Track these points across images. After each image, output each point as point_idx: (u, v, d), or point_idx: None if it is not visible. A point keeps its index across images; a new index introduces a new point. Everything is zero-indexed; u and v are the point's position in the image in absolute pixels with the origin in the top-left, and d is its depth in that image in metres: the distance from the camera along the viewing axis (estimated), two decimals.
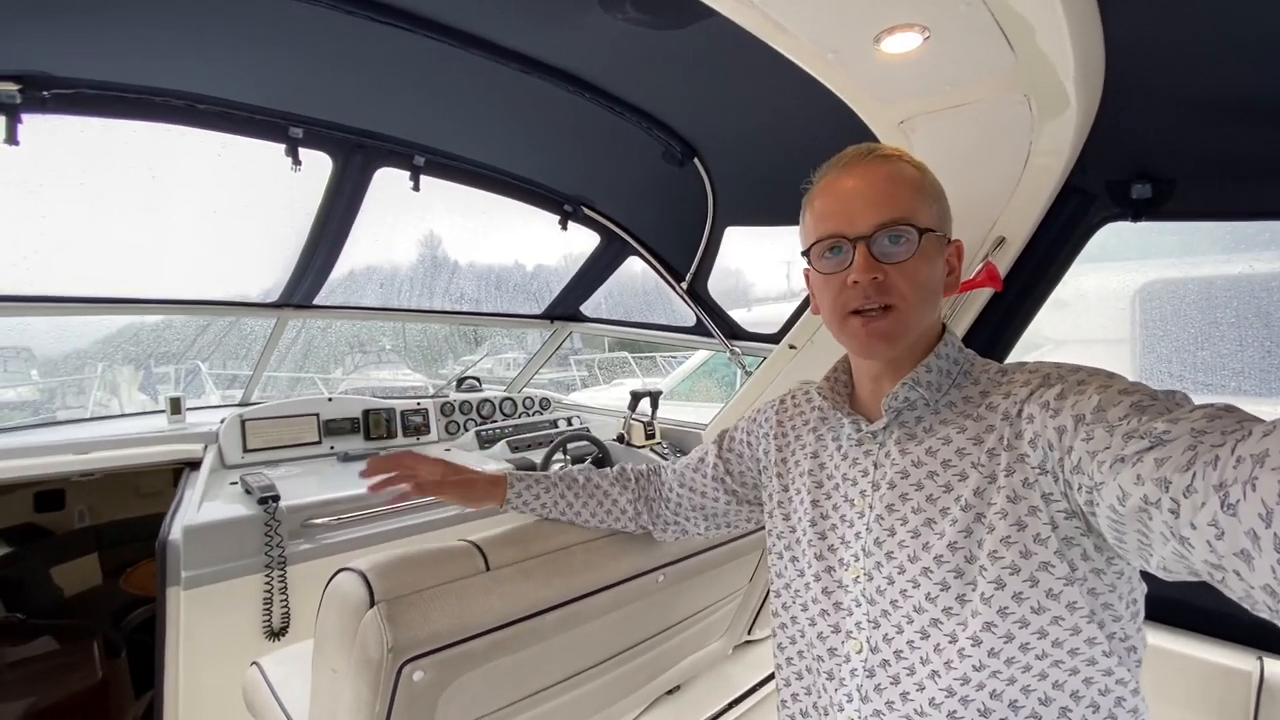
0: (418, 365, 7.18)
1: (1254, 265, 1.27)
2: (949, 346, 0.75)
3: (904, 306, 0.70)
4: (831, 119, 1.19)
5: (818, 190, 0.77)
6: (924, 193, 0.72)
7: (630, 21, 1.11)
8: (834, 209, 0.73)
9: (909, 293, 0.70)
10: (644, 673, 1.21)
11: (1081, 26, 0.88)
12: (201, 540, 1.54)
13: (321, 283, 2.19)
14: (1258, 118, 1.03)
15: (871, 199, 0.70)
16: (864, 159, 0.73)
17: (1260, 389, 1.29)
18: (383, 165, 1.82)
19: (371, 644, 0.73)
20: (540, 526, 0.99)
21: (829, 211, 0.73)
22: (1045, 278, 1.41)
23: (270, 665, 1.22)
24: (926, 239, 0.70)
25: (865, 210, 0.70)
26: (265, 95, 1.50)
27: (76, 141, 1.46)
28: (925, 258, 0.70)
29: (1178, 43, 0.95)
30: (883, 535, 0.72)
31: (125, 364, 5.20)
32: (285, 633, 1.65)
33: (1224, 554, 0.42)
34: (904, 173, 0.72)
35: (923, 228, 0.69)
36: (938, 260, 0.73)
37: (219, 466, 2.08)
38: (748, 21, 0.88)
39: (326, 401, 2.41)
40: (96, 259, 1.86)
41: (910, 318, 0.71)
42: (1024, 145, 1.15)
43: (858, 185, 0.72)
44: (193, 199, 1.81)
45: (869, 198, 0.71)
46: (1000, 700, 0.64)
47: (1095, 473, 0.54)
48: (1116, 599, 0.63)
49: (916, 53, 0.92)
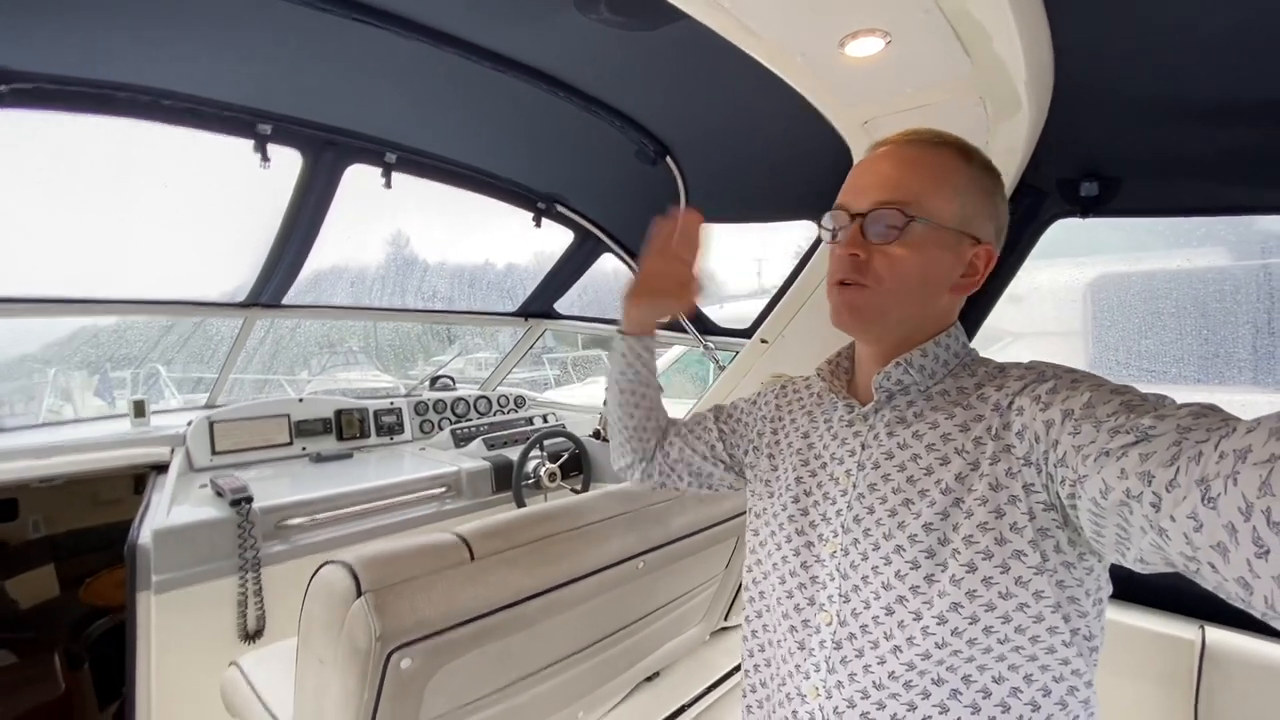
0: (388, 366, 7.06)
1: (1191, 259, 1.35)
2: (952, 339, 0.76)
3: (876, 288, 0.71)
4: (801, 118, 1.23)
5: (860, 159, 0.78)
6: (946, 183, 0.70)
7: (603, 22, 1.13)
8: (851, 183, 0.75)
9: (884, 276, 0.70)
10: (625, 659, 1.24)
11: (1032, 33, 0.93)
12: (173, 543, 1.52)
13: (290, 282, 2.15)
14: (1195, 119, 1.10)
15: (880, 179, 0.71)
16: (901, 140, 0.74)
17: (1199, 375, 1.37)
18: (354, 162, 1.80)
19: (359, 633, 0.74)
20: (523, 517, 1.00)
21: (849, 183, 0.76)
22: (1001, 272, 1.48)
23: (250, 664, 1.21)
24: (918, 227, 0.68)
25: (870, 189, 0.71)
26: (234, 91, 1.48)
27: (36, 137, 1.42)
28: (914, 246, 0.69)
29: (1122, 48, 1.01)
30: (861, 513, 0.74)
31: (79, 368, 5.01)
32: (261, 634, 1.63)
33: (1200, 546, 0.43)
34: (929, 159, 0.71)
35: (915, 215, 0.68)
36: (937, 253, 0.70)
37: (187, 470, 2.04)
38: (717, 24, 0.91)
39: (298, 402, 2.38)
40: (56, 258, 1.80)
41: (880, 301, 0.71)
42: (980, 145, 1.20)
43: (878, 164, 0.73)
44: (157, 197, 1.77)
45: (879, 177, 0.71)
46: (954, 673, 0.66)
47: (1080, 466, 0.56)
48: (1083, 594, 0.64)
49: (879, 57, 0.97)
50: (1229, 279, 1.30)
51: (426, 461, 2.31)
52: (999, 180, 0.75)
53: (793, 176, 1.74)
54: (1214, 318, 1.34)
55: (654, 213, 2.07)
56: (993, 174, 0.75)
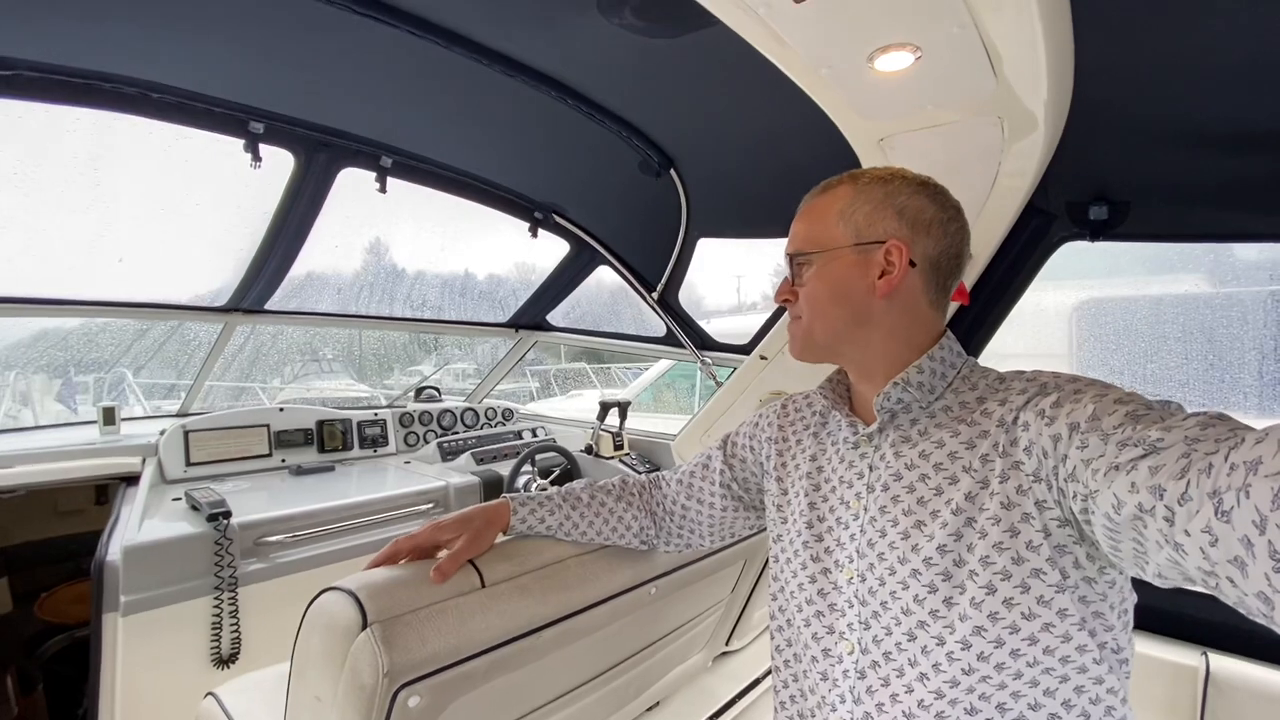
0: (363, 375, 6.91)
1: (1199, 285, 1.37)
2: (945, 350, 0.76)
3: (805, 317, 0.80)
4: (811, 134, 1.21)
5: None
6: (831, 216, 0.78)
7: (626, 27, 1.11)
8: None
9: (804, 307, 0.80)
10: (630, 689, 1.18)
11: (1057, 53, 0.92)
12: (144, 561, 1.42)
13: (275, 287, 2.08)
14: (1206, 147, 1.11)
15: (792, 235, 0.83)
16: (810, 195, 0.83)
17: (1204, 400, 1.38)
18: (347, 165, 1.74)
19: (365, 669, 0.68)
20: (534, 540, 0.95)
21: None
22: (1008, 293, 1.48)
23: (228, 695, 1.13)
24: (817, 258, 0.78)
25: (789, 244, 0.83)
26: (226, 86, 1.42)
27: (13, 128, 1.34)
28: (817, 276, 0.78)
29: (1142, 73, 1.01)
30: (875, 537, 0.73)
31: (40, 371, 4.79)
32: (235, 660, 1.54)
33: (1218, 561, 0.43)
34: (824, 203, 0.80)
35: (812, 252, 0.78)
36: (840, 270, 0.77)
37: (159, 481, 1.94)
38: (749, 33, 0.89)
39: (278, 412, 2.29)
40: (28, 256, 1.71)
41: (808, 325, 0.80)
42: (993, 165, 1.20)
43: (793, 225, 0.83)
44: (138, 194, 1.68)
45: (791, 235, 0.83)
46: (988, 702, 0.64)
47: (1090, 481, 0.55)
48: (1108, 608, 0.63)
49: (906, 72, 0.95)
50: (1236, 305, 1.32)
51: (412, 476, 2.23)
52: (897, 176, 0.79)
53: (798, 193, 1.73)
54: (1221, 343, 1.35)
55: (653, 225, 2.06)
56: (885, 179, 0.79)
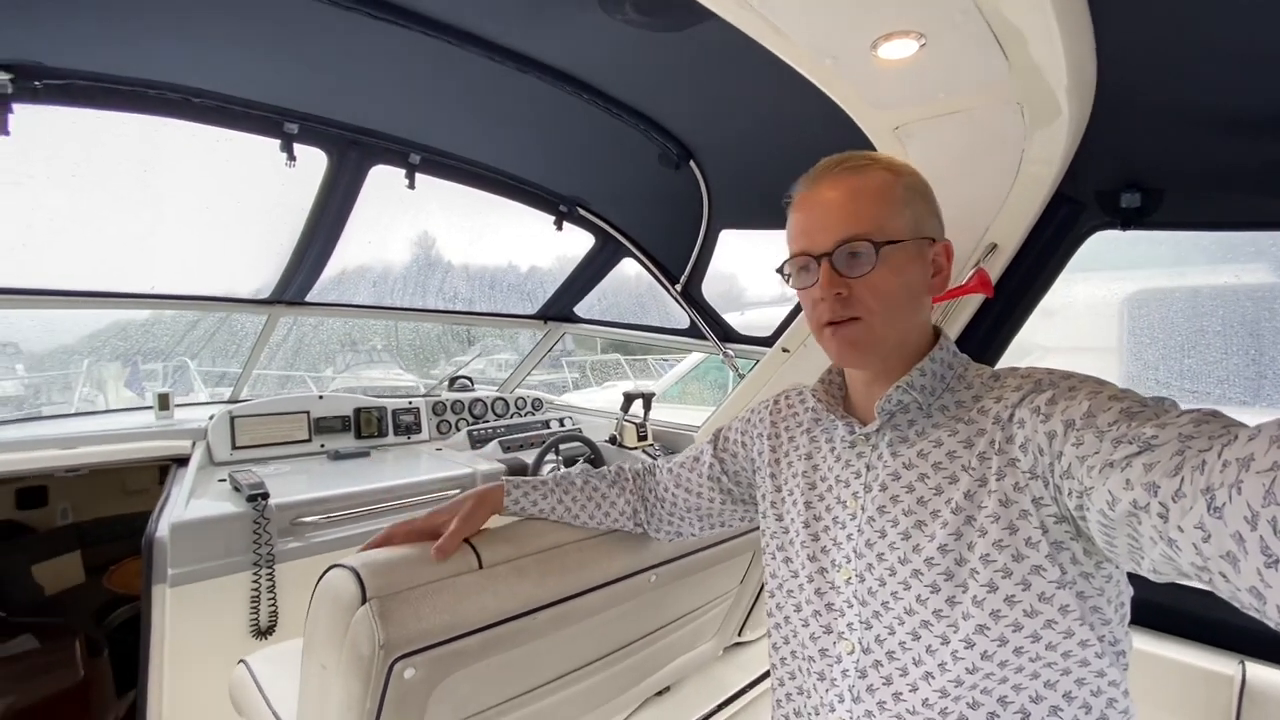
0: (410, 365, 7.15)
1: (1240, 276, 1.29)
2: (943, 350, 0.76)
3: (869, 318, 0.71)
4: (828, 123, 1.20)
5: (793, 205, 0.78)
6: (892, 200, 0.72)
7: (629, 23, 1.12)
8: (802, 226, 0.75)
9: (874, 304, 0.71)
10: (635, 673, 1.21)
11: (1074, 36, 0.89)
12: (189, 537, 1.53)
13: (314, 280, 2.18)
14: (1245, 130, 1.05)
15: (834, 215, 0.72)
16: (832, 172, 0.74)
17: (1245, 396, 1.30)
18: (378, 163, 1.81)
19: (363, 640, 0.73)
20: (533, 525, 0.98)
21: (798, 230, 0.76)
22: (1035, 285, 1.42)
23: (258, 663, 1.21)
24: (888, 250, 0.70)
25: (827, 227, 0.72)
26: (262, 90, 1.49)
27: (69, 133, 1.44)
28: (890, 268, 0.70)
29: (1169, 54, 0.96)
30: (874, 537, 0.73)
31: (112, 360, 5.15)
32: (272, 631, 1.64)
33: (1210, 556, 0.43)
34: (869, 183, 0.72)
35: (881, 241, 0.69)
36: (909, 266, 0.72)
37: (207, 463, 2.06)
38: (746, 25, 0.88)
39: (317, 399, 2.40)
40: (86, 253, 1.84)
41: (878, 328, 0.72)
42: (1016, 153, 1.17)
43: (822, 201, 0.73)
44: (185, 194, 1.79)
45: (831, 214, 0.72)
46: (990, 696, 0.65)
47: (1085, 478, 0.55)
48: (1105, 602, 0.64)
49: (912, 59, 0.93)
50: None
51: (442, 462, 2.31)
52: (923, 179, 0.77)
53: None
54: (1264, 338, 1.27)
55: (676, 218, 2.07)
56: (917, 175, 0.77)
